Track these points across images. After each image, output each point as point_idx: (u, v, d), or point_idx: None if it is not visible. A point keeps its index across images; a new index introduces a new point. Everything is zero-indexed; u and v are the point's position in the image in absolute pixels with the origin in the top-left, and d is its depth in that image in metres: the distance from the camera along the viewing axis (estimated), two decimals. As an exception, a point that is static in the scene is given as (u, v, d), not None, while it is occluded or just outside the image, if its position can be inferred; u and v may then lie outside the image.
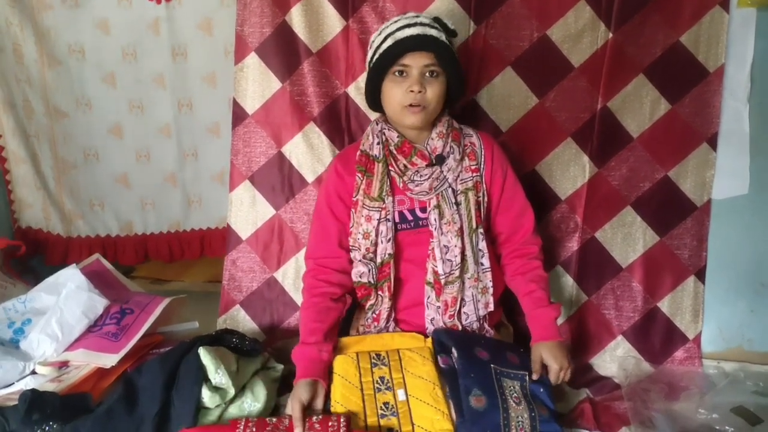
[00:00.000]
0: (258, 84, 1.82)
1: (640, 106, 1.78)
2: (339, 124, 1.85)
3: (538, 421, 1.32)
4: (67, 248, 2.29)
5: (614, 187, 1.82)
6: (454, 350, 1.39)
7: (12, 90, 2.12)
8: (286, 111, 1.83)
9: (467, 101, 1.80)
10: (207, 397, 1.36)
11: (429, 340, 1.49)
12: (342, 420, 1.24)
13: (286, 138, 1.85)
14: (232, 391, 1.40)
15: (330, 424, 1.24)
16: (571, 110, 1.78)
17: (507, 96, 1.79)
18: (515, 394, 1.35)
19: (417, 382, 1.36)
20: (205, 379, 1.39)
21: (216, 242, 2.41)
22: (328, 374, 1.41)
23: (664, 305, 1.86)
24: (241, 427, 1.25)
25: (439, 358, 1.42)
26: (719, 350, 1.89)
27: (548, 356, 1.45)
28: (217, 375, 1.39)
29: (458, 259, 1.49)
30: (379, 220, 1.51)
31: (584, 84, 1.77)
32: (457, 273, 1.49)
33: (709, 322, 1.87)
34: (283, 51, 1.80)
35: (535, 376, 1.43)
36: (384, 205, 1.51)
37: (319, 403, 1.36)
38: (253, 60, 1.80)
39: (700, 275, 1.85)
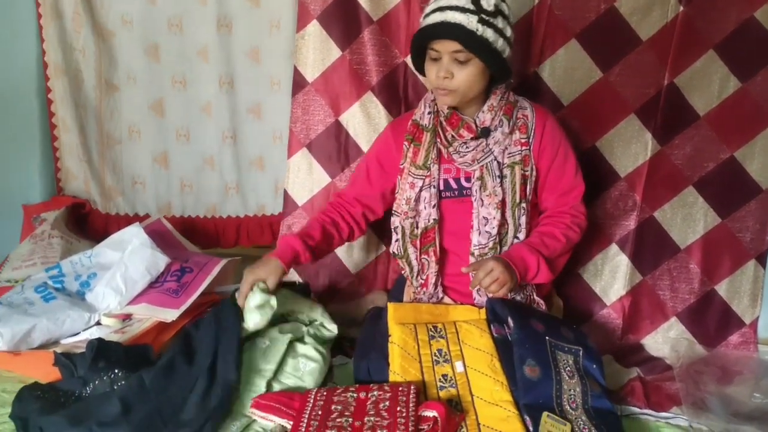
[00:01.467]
0: (318, 52, 1.83)
1: (708, 83, 1.74)
2: (396, 94, 1.86)
3: (590, 396, 1.32)
4: (107, 224, 2.20)
5: (677, 166, 1.78)
6: (510, 320, 1.39)
7: (66, 57, 2.09)
8: (345, 80, 1.84)
9: (529, 73, 1.78)
10: (252, 321, 1.41)
11: (483, 311, 1.50)
12: (412, 388, 1.26)
13: (344, 107, 1.86)
14: (273, 302, 1.42)
15: (400, 389, 1.26)
16: (637, 85, 1.75)
17: (570, 69, 1.76)
18: (569, 368, 1.35)
19: (475, 353, 1.37)
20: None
21: (253, 231, 2.25)
22: (288, 268, 1.51)
23: (722, 288, 1.82)
24: (312, 395, 1.28)
25: (492, 327, 1.43)
26: (776, 336, 1.85)
27: (487, 261, 1.44)
28: (254, 296, 1.41)
29: (495, 232, 1.51)
30: (421, 187, 1.54)
31: (651, 59, 1.73)
32: (491, 245, 1.51)
33: (767, 308, 1.83)
34: (345, 19, 1.80)
35: (465, 269, 1.48)
36: (428, 173, 1.54)
37: (270, 282, 1.45)
38: (314, 28, 1.81)
39: (761, 259, 1.81)
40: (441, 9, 1.40)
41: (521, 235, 1.54)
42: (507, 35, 1.43)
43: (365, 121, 1.85)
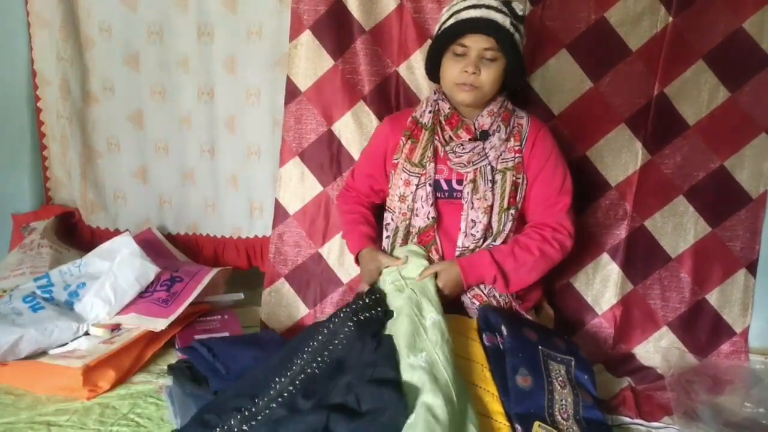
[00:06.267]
0: (311, 62, 1.83)
1: (698, 93, 1.75)
2: (388, 104, 1.85)
3: (581, 406, 1.31)
4: (94, 235, 2.15)
5: (667, 176, 1.79)
6: (503, 328, 1.38)
7: (54, 66, 2.05)
8: (337, 89, 1.84)
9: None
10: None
11: (474, 321, 1.50)
12: None
13: (336, 116, 1.86)
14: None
15: None
16: (627, 95, 1.76)
17: (561, 79, 1.77)
18: (561, 378, 1.35)
19: (465, 363, 1.35)
20: None
21: (229, 254, 2.10)
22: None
23: (713, 297, 1.83)
24: None
25: (483, 336, 1.42)
26: (767, 345, 1.85)
27: (443, 274, 1.48)
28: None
29: (479, 236, 1.53)
30: (417, 185, 1.54)
31: (641, 69, 1.74)
32: (472, 247, 1.54)
33: (758, 317, 1.84)
34: (337, 29, 1.81)
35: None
36: (424, 171, 1.56)
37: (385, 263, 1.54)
38: (307, 37, 1.81)
39: (752, 268, 1.82)
40: (476, 6, 1.45)
41: (499, 242, 1.56)
42: (523, 43, 1.50)
43: (357, 130, 1.85)
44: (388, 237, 1.61)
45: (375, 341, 1.25)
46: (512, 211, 1.55)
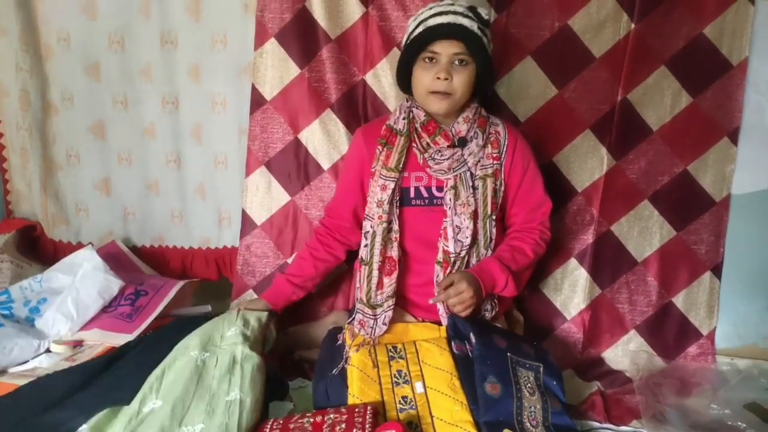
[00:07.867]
0: (277, 70, 1.81)
1: (660, 99, 1.77)
2: (356, 112, 1.84)
3: (550, 413, 1.31)
4: (56, 250, 2.08)
5: (632, 181, 1.81)
6: (472, 336, 1.38)
7: (12, 77, 1.98)
8: (303, 97, 1.82)
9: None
10: None
11: (443, 328, 1.49)
12: (368, 409, 1.23)
13: (303, 124, 1.84)
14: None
15: (356, 410, 1.24)
16: (591, 102, 1.77)
17: (526, 86, 1.78)
18: (529, 384, 1.35)
19: (434, 373, 1.35)
20: None
21: (198, 264, 2.06)
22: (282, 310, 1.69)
23: (679, 300, 1.85)
24: (269, 425, 1.23)
25: (452, 344, 1.42)
26: (733, 347, 1.88)
27: (460, 278, 1.46)
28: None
29: (468, 241, 1.51)
30: (393, 189, 1.53)
31: (605, 75, 1.75)
32: (462, 254, 1.52)
33: (724, 319, 1.86)
34: (303, 37, 1.79)
35: (436, 290, 1.50)
36: (400, 176, 1.55)
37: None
38: (272, 46, 1.80)
39: (717, 271, 1.84)
40: (442, 13, 1.46)
41: (491, 249, 1.55)
42: (491, 48, 1.51)
43: (325, 138, 1.84)
44: (366, 246, 1.56)
45: None
46: (494, 217, 1.55)
